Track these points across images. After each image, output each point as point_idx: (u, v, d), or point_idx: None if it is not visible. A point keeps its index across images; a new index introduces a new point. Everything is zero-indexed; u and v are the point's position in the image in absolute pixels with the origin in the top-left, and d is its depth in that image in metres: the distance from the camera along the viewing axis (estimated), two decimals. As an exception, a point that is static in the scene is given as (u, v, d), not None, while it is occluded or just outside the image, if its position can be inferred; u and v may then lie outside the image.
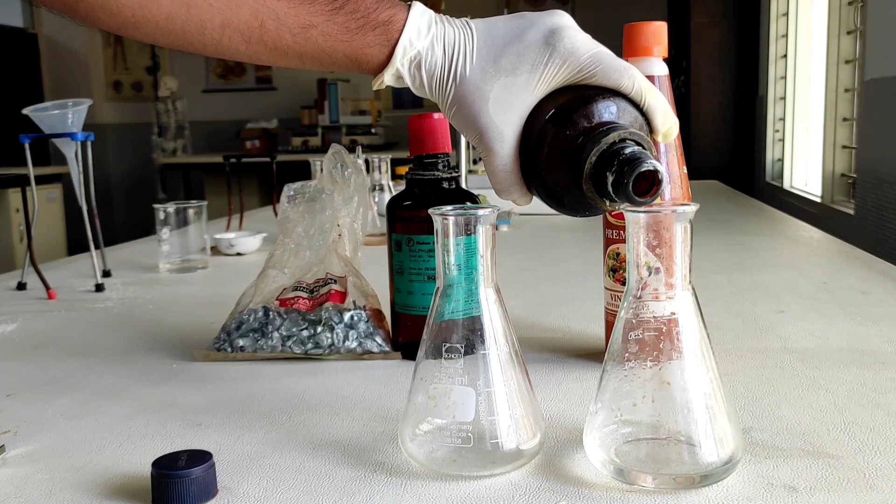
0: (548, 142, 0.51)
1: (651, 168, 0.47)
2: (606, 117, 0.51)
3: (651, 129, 0.53)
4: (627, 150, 0.48)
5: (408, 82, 0.54)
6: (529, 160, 0.52)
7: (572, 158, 0.50)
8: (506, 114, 0.52)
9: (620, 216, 0.62)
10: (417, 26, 0.53)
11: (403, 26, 0.53)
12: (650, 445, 0.47)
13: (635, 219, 0.46)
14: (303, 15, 0.52)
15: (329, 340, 0.72)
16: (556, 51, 0.52)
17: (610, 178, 0.48)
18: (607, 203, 0.49)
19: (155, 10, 0.50)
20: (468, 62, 0.53)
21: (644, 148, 0.49)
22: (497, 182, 0.54)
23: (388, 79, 0.54)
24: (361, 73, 0.56)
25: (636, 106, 0.52)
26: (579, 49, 0.52)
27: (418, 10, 0.53)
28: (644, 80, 0.52)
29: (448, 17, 0.54)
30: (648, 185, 0.48)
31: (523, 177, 0.54)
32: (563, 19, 0.53)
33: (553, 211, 0.54)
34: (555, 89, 0.52)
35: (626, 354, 0.46)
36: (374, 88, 0.55)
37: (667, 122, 0.53)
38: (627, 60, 0.64)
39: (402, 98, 5.40)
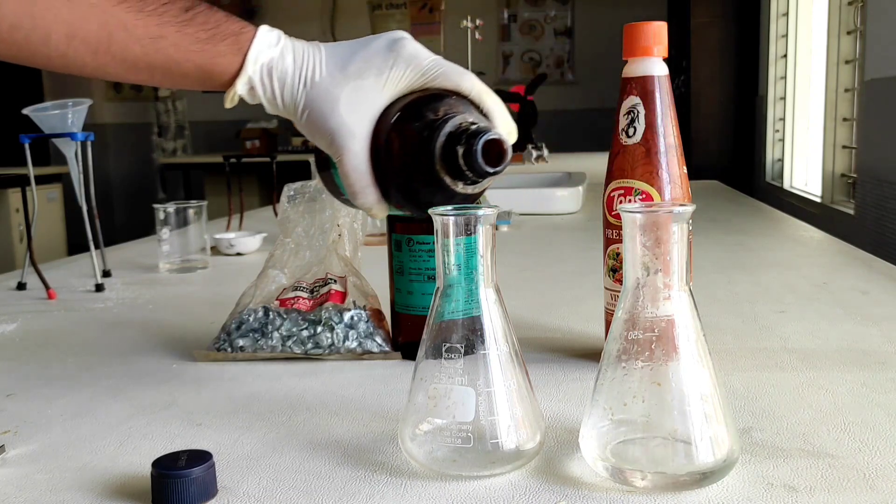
0: (399, 136, 0.54)
1: (497, 136, 0.51)
2: (452, 111, 0.54)
3: None
4: (473, 128, 0.52)
5: (259, 92, 0.56)
6: (382, 159, 0.55)
7: (423, 146, 0.53)
8: (356, 114, 0.55)
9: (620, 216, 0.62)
10: (267, 38, 0.55)
11: (254, 37, 0.55)
12: (645, 445, 0.47)
13: (632, 219, 0.46)
14: (152, 26, 0.53)
15: (329, 340, 0.72)
16: (400, 56, 0.55)
17: (460, 151, 0.51)
18: (460, 185, 0.53)
19: None
20: (318, 69, 0.55)
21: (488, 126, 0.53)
22: (351, 183, 0.56)
23: (240, 88, 0.56)
24: (213, 88, 0.57)
25: (477, 108, 0.56)
26: (421, 54, 0.56)
27: (266, 27, 0.56)
28: (482, 85, 0.56)
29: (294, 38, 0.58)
30: (496, 156, 0.51)
31: (377, 180, 0.56)
32: (404, 34, 0.57)
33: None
34: (402, 94, 0.56)
35: (623, 355, 0.46)
36: (227, 105, 0.57)
37: (506, 125, 0.57)
38: (627, 60, 0.64)
39: (402, 98, 5.40)
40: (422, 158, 0.53)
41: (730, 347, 0.73)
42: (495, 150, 0.51)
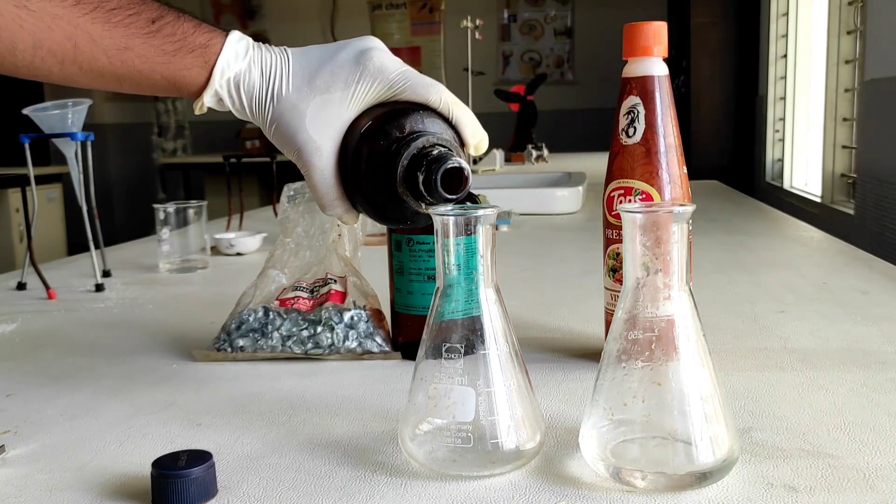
0: (364, 153, 0.54)
1: (457, 165, 0.51)
2: (417, 127, 0.55)
3: (462, 142, 0.57)
4: (435, 152, 0.52)
5: (228, 104, 0.56)
6: (349, 173, 0.55)
7: (387, 165, 0.53)
8: (323, 129, 0.55)
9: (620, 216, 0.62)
10: (235, 50, 0.55)
11: (221, 49, 0.55)
12: (645, 445, 0.47)
13: (632, 219, 0.46)
14: (118, 37, 0.53)
15: (329, 340, 0.72)
16: (367, 69, 0.55)
17: (420, 178, 0.52)
18: (423, 206, 0.53)
19: None
20: (284, 83, 0.55)
21: (451, 151, 0.53)
22: (320, 197, 0.57)
23: (208, 100, 0.56)
24: (182, 97, 0.57)
25: (446, 120, 0.56)
26: (388, 67, 0.55)
27: (235, 36, 0.56)
28: (451, 96, 0.56)
29: (265, 44, 0.57)
30: (457, 182, 0.52)
31: (346, 191, 0.56)
32: (373, 42, 0.57)
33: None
34: (369, 106, 0.56)
35: (623, 355, 0.46)
36: (197, 113, 0.57)
37: (476, 135, 0.57)
38: (627, 60, 0.64)
39: (402, 98, 5.40)
40: (385, 178, 0.54)
41: (730, 347, 0.73)
42: (455, 178, 0.52)
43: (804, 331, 0.78)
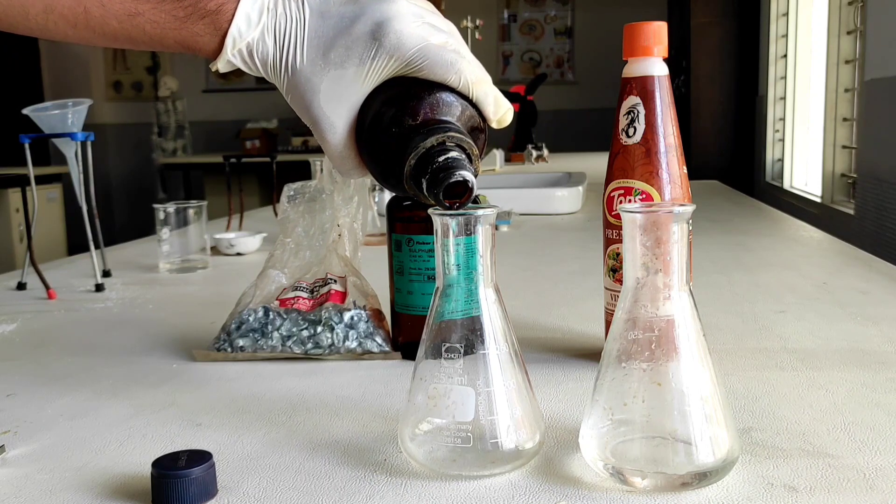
0: (376, 139, 0.54)
1: (460, 180, 0.49)
2: (432, 115, 0.53)
3: (483, 118, 0.55)
4: (442, 158, 0.50)
5: (244, 69, 0.55)
6: (362, 149, 0.55)
7: (396, 157, 0.52)
8: (336, 106, 0.54)
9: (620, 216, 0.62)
10: (247, 14, 0.53)
11: (233, 16, 0.52)
12: (645, 445, 0.47)
13: (632, 219, 0.46)
14: (128, 2, 0.52)
15: (329, 340, 0.72)
16: (383, 46, 0.52)
17: (424, 185, 0.50)
18: (431, 199, 0.52)
19: None
20: (299, 53, 0.53)
21: (463, 148, 0.51)
22: (336, 166, 0.57)
23: (222, 66, 0.54)
24: (196, 56, 0.56)
25: (466, 97, 0.54)
26: (406, 44, 0.52)
27: None
28: (471, 73, 0.53)
29: (283, 0, 0.54)
30: (462, 190, 0.50)
31: (362, 160, 0.56)
32: (393, 7, 0.53)
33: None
34: (387, 80, 0.54)
35: (623, 355, 0.46)
36: (213, 70, 0.56)
37: (498, 111, 0.55)
38: (627, 60, 0.64)
39: (402, 98, 5.40)
40: (395, 168, 0.53)
41: (730, 347, 0.73)
42: (459, 189, 0.50)
43: (804, 331, 0.78)
